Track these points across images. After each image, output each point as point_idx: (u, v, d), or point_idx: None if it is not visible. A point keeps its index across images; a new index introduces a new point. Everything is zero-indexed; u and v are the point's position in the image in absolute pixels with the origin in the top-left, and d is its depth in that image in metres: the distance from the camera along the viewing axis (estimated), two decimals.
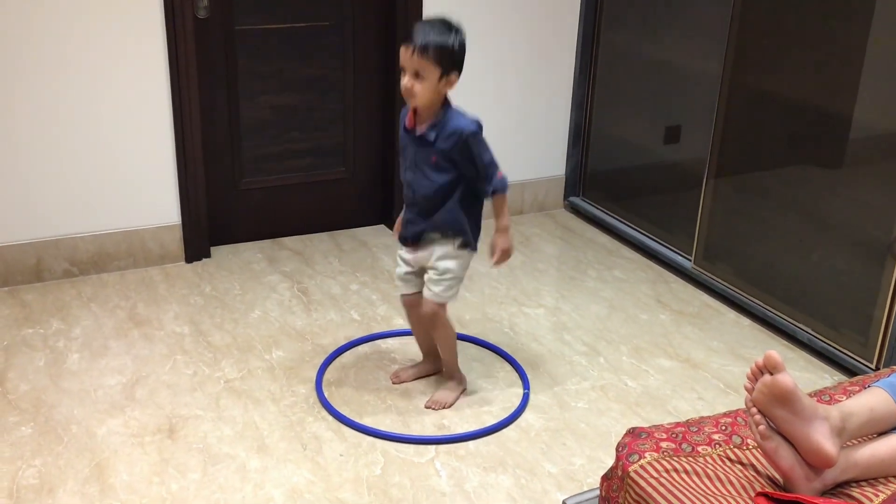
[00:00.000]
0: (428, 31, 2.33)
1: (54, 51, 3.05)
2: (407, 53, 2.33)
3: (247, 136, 3.56)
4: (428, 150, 2.41)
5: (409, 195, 2.51)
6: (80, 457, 2.37)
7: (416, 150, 2.45)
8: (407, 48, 2.33)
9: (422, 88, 2.34)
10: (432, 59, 2.32)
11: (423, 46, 2.31)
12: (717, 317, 3.25)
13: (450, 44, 2.34)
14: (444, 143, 2.39)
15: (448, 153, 2.40)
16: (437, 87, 2.36)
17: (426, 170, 2.44)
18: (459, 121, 2.40)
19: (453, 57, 2.36)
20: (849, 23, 2.79)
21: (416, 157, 2.45)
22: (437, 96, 2.38)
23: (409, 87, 2.35)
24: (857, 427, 1.70)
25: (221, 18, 3.36)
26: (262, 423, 2.54)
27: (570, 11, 3.88)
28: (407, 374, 2.77)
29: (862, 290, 2.80)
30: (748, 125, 3.20)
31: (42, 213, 3.22)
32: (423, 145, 2.42)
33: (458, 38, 2.37)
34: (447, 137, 2.38)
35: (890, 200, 2.69)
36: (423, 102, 2.38)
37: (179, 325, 3.03)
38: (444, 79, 2.35)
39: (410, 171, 2.48)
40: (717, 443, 1.78)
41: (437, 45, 2.32)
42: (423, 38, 2.31)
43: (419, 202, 2.48)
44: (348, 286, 3.35)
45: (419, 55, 2.31)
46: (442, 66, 2.33)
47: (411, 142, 2.46)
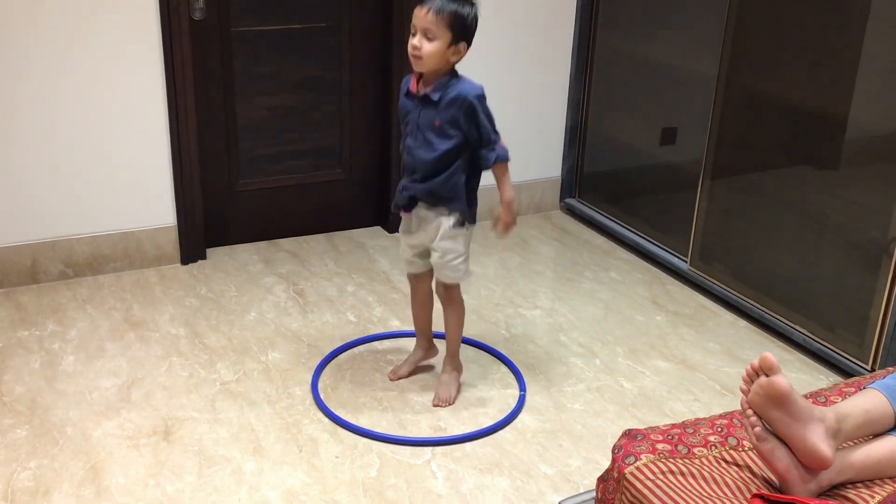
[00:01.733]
0: None
1: (50, 53, 3.04)
2: (421, 12, 2.33)
3: (243, 137, 3.56)
4: (431, 112, 2.40)
5: (409, 161, 2.48)
6: (76, 459, 2.37)
7: (420, 113, 2.43)
8: (422, 7, 2.33)
9: (430, 50, 2.33)
10: (446, 21, 2.31)
11: (440, 8, 2.31)
12: (713, 318, 3.25)
13: (465, 13, 2.35)
14: (449, 106, 2.38)
15: (453, 118, 2.39)
16: (446, 54, 2.35)
17: (429, 134, 2.42)
18: (465, 85, 2.40)
19: (466, 26, 2.35)
20: (844, 24, 2.79)
21: (420, 120, 2.43)
22: (443, 63, 2.37)
23: (417, 45, 2.34)
24: (853, 429, 1.70)
25: (217, 20, 3.35)
26: (258, 425, 2.53)
27: (565, 13, 3.88)
28: (403, 369, 2.78)
29: (858, 292, 2.81)
30: (744, 127, 3.20)
31: (38, 214, 3.21)
32: (427, 107, 2.41)
33: (473, 10, 2.37)
34: (452, 101, 2.38)
35: (886, 201, 2.69)
36: (429, 66, 2.36)
37: (175, 327, 3.03)
38: (453, 46, 2.35)
39: (412, 137, 2.46)
40: (712, 444, 1.78)
41: (454, 11, 2.32)
42: (440, 1, 2.32)
43: (419, 168, 2.45)
44: (344, 288, 3.35)
45: (434, 15, 2.31)
46: (453, 32, 2.33)
47: (414, 106, 2.44)
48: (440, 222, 2.49)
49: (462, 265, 2.55)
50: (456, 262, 2.53)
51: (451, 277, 2.56)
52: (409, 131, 2.47)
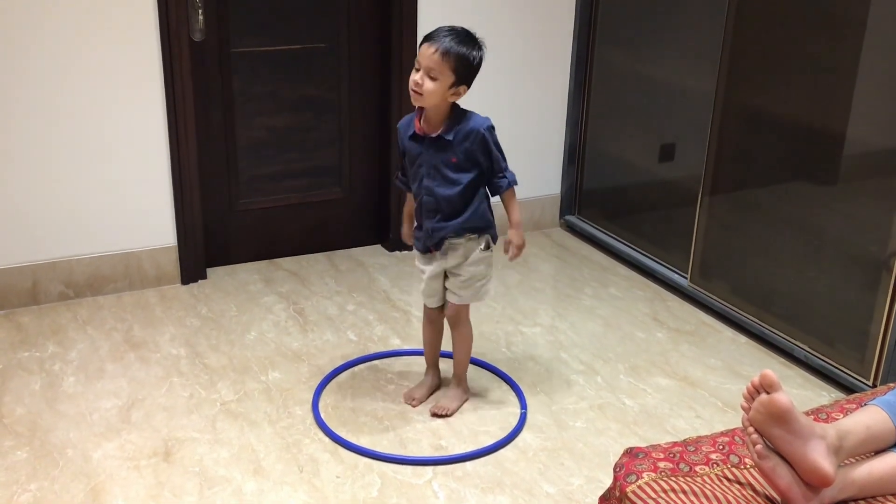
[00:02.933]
0: (454, 37, 2.37)
1: (50, 73, 3.06)
2: (428, 51, 2.35)
3: (243, 157, 3.57)
4: (447, 151, 2.43)
5: (431, 202, 2.49)
6: (76, 481, 2.36)
7: (434, 154, 2.45)
8: (430, 45, 2.35)
9: (432, 88, 2.35)
10: (452, 65, 2.35)
11: (447, 50, 2.34)
12: (714, 335, 3.25)
13: (471, 56, 2.38)
14: (463, 141, 2.42)
15: (468, 152, 2.43)
16: (446, 94, 2.38)
17: (447, 172, 2.45)
18: (475, 119, 2.44)
19: (469, 70, 2.40)
20: (841, 40, 2.81)
21: (434, 161, 2.45)
22: (442, 102, 2.40)
23: (419, 83, 2.36)
24: (854, 445, 1.70)
25: (217, 41, 3.37)
26: (259, 446, 2.53)
27: (564, 30, 3.90)
28: (420, 393, 2.76)
29: (858, 307, 2.81)
30: (742, 142, 3.21)
31: (38, 235, 3.22)
32: (442, 148, 2.44)
33: (479, 53, 2.41)
34: (466, 135, 2.42)
35: (885, 216, 2.69)
36: (428, 103, 2.39)
37: (175, 347, 3.03)
38: (453, 87, 2.39)
39: (429, 178, 2.47)
40: (714, 462, 1.78)
41: (460, 54, 2.36)
42: (449, 42, 2.35)
43: (443, 207, 2.48)
44: (345, 307, 3.35)
45: (440, 56, 2.34)
46: (457, 75, 2.37)
47: (426, 148, 2.46)
48: (470, 248, 2.53)
49: (487, 286, 2.62)
50: (480, 284, 2.59)
51: (471, 298, 2.60)
52: (423, 173, 2.48)
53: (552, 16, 3.86)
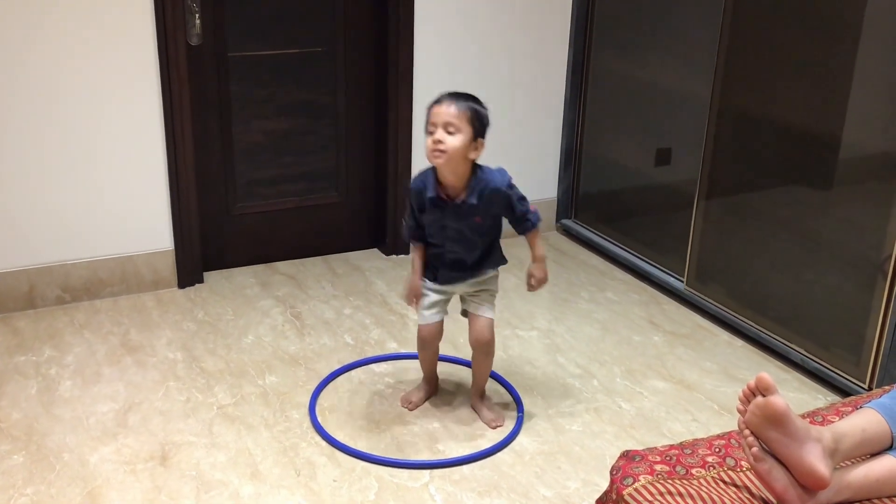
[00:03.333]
0: (459, 96, 2.40)
1: (46, 77, 3.06)
2: (441, 108, 2.36)
3: (240, 161, 3.57)
4: (472, 214, 2.44)
5: (456, 259, 2.52)
6: (73, 485, 2.36)
7: (457, 218, 2.45)
8: (441, 105, 2.37)
9: (455, 144, 2.34)
10: (467, 116, 2.36)
11: (461, 104, 2.36)
12: (710, 338, 3.25)
13: (482, 111, 2.41)
14: (488, 204, 2.43)
15: (491, 211, 2.46)
16: (468, 149, 2.37)
17: (471, 234, 2.48)
18: (494, 178, 2.43)
19: (483, 124, 2.40)
20: (836, 44, 2.82)
21: (459, 224, 2.46)
22: (463, 161, 2.39)
23: (440, 139, 2.34)
24: (850, 448, 1.70)
25: (214, 45, 3.38)
26: (256, 449, 2.53)
27: (560, 35, 3.91)
28: (418, 396, 2.76)
29: (854, 311, 2.81)
30: (738, 147, 3.22)
31: (34, 239, 3.22)
32: (467, 212, 2.44)
33: (486, 111, 2.43)
34: (490, 199, 2.43)
35: (880, 220, 2.70)
36: (451, 162, 2.36)
37: (172, 351, 3.02)
38: (473, 142, 2.38)
39: (455, 243, 2.49)
40: (710, 465, 1.78)
41: (471, 107, 2.38)
42: (458, 99, 2.37)
43: (468, 262, 2.53)
44: (341, 310, 3.35)
45: (455, 109, 2.35)
46: (473, 128, 2.37)
47: (450, 213, 2.45)
48: (486, 275, 2.58)
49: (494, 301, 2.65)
50: (494, 300, 2.62)
51: (492, 314, 2.61)
52: (449, 236, 2.49)
53: (548, 20, 3.87)
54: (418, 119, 3.72)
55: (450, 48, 3.70)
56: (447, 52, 3.70)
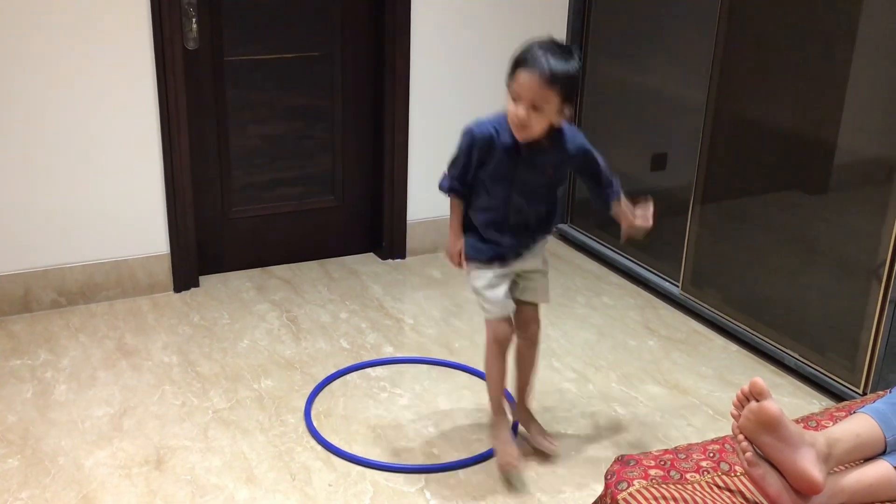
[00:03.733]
0: (550, 55, 2.07)
1: (43, 81, 3.06)
2: (530, 81, 2.07)
3: (236, 165, 3.58)
4: (545, 166, 2.24)
5: (519, 219, 2.28)
6: (68, 489, 2.35)
7: (530, 169, 2.23)
8: (528, 73, 2.07)
9: (538, 121, 2.12)
10: (558, 88, 2.08)
11: (552, 76, 2.06)
12: (706, 343, 3.26)
13: (573, 71, 2.10)
14: (563, 153, 2.24)
15: (566, 164, 2.27)
16: (553, 119, 2.15)
17: (540, 187, 2.27)
18: (577, 135, 2.26)
19: (575, 86, 2.14)
20: (831, 50, 2.83)
21: (528, 176, 2.23)
22: (547, 127, 2.17)
23: (524, 118, 2.10)
24: (844, 453, 1.71)
25: (211, 49, 3.38)
26: (251, 454, 2.53)
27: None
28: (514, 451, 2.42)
29: (848, 316, 2.82)
30: (734, 152, 3.23)
31: (30, 243, 3.21)
32: (540, 162, 2.23)
33: (577, 62, 2.12)
34: (566, 149, 2.23)
35: (874, 225, 2.71)
36: (535, 135, 2.16)
37: (168, 355, 3.02)
38: (559, 110, 2.14)
39: (521, 196, 2.25)
40: (705, 470, 1.78)
41: (564, 74, 2.08)
42: (549, 65, 2.06)
43: (532, 222, 2.30)
44: (337, 315, 3.35)
45: (545, 85, 2.06)
46: (563, 97, 2.11)
47: (524, 164, 2.21)
48: (543, 245, 2.38)
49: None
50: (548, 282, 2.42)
51: (547, 297, 2.43)
52: (514, 190, 2.24)
53: (544, 26, 3.87)
54: (415, 123, 3.73)
55: (446, 53, 3.71)
56: (444, 56, 3.70)
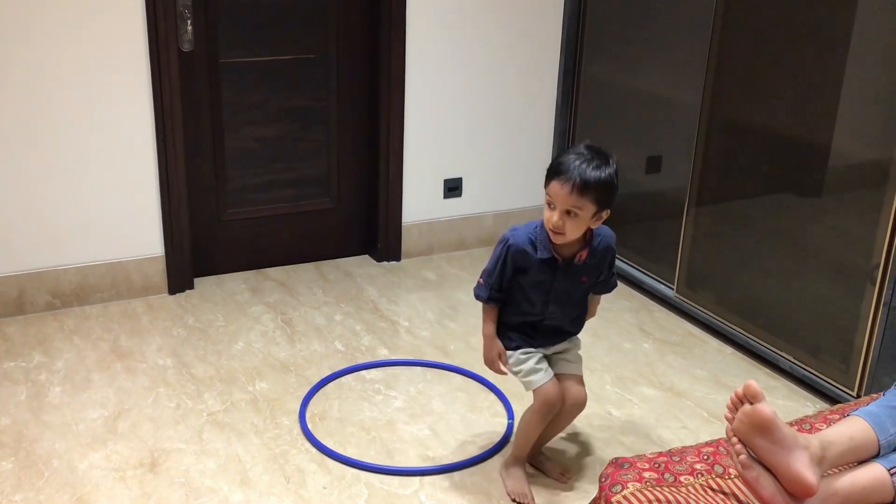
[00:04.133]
0: (583, 163, 2.10)
1: (37, 83, 3.06)
2: (562, 190, 2.09)
3: (231, 167, 3.57)
4: (580, 273, 2.27)
5: (554, 324, 2.31)
6: (62, 492, 2.35)
7: (567, 278, 2.26)
8: (563, 184, 2.09)
9: (573, 228, 2.14)
10: (591, 197, 2.10)
11: (584, 184, 2.08)
12: (700, 345, 3.26)
13: (609, 178, 2.12)
14: (600, 261, 2.29)
15: (598, 268, 2.30)
16: (588, 224, 2.17)
17: (577, 295, 2.31)
18: (606, 233, 2.29)
19: (611, 193, 2.14)
20: (826, 53, 2.83)
21: (566, 286, 2.27)
22: (582, 232, 2.20)
23: (559, 225, 2.12)
24: (837, 456, 1.71)
25: (206, 51, 3.38)
26: (246, 456, 2.52)
27: (551, 44, 3.93)
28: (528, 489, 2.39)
29: (843, 318, 2.83)
30: (728, 155, 3.23)
31: (24, 245, 3.21)
32: (575, 271, 2.26)
33: (614, 169, 2.14)
34: (602, 255, 2.28)
35: (868, 228, 2.72)
36: (570, 240, 2.19)
37: (162, 358, 3.02)
38: (596, 215, 2.16)
39: (559, 306, 2.28)
40: (699, 472, 1.79)
41: (598, 182, 2.10)
42: (581, 173, 2.08)
43: (565, 325, 2.33)
44: (332, 317, 3.35)
45: (578, 194, 2.08)
46: (598, 204, 2.13)
47: (562, 273, 2.24)
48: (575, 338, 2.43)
49: None
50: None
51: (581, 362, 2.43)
52: (550, 298, 2.27)
53: (540, 29, 3.89)
54: (411, 125, 3.73)
55: (441, 56, 3.71)
56: (439, 58, 3.71)
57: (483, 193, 3.98)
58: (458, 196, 3.94)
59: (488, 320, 2.35)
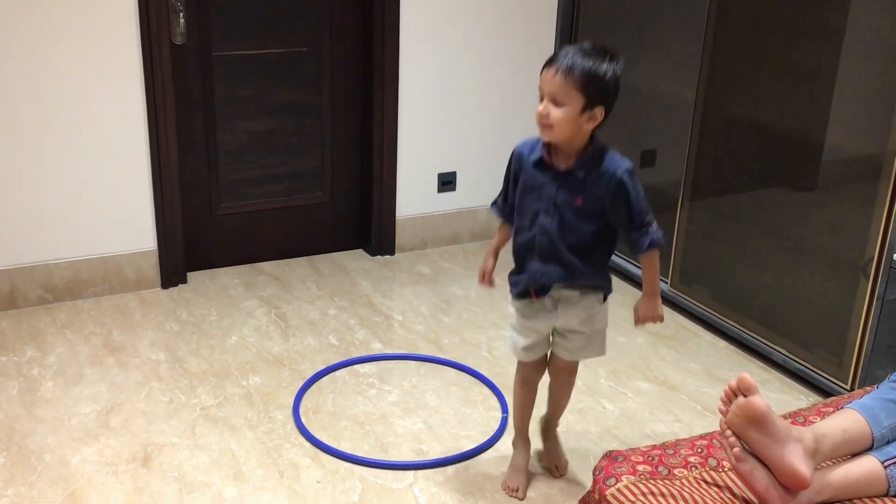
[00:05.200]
0: (577, 53, 2.00)
1: (29, 76, 3.04)
2: (548, 75, 2.01)
3: (224, 161, 3.56)
4: (573, 190, 2.09)
5: (544, 243, 2.13)
6: (54, 486, 2.34)
7: (557, 190, 2.10)
8: (549, 68, 2.01)
9: (560, 117, 2.00)
10: (577, 83, 1.98)
11: (569, 67, 1.98)
12: (694, 339, 3.26)
13: (601, 71, 1.99)
14: (596, 183, 2.08)
15: (599, 197, 2.08)
16: (578, 121, 2.02)
17: (568, 215, 2.10)
18: (613, 159, 2.09)
19: (602, 87, 2.01)
20: (819, 47, 2.83)
21: (557, 198, 2.10)
22: (576, 132, 2.05)
23: (544, 113, 2.02)
24: (831, 448, 1.72)
25: (199, 44, 3.37)
26: (239, 451, 2.52)
27: (545, 36, 3.92)
28: (520, 480, 2.39)
29: (836, 312, 2.83)
30: (722, 149, 3.23)
31: (16, 239, 3.19)
32: (568, 184, 2.09)
33: (612, 67, 2.01)
34: (599, 177, 2.07)
35: (862, 222, 2.72)
36: (559, 136, 2.04)
37: (155, 352, 3.01)
38: (587, 112, 2.02)
39: (546, 216, 2.11)
40: (693, 465, 1.79)
41: (586, 70, 1.98)
42: (570, 59, 1.99)
43: (556, 252, 2.13)
44: (326, 311, 3.34)
45: (562, 76, 1.98)
46: (586, 95, 2.00)
47: (549, 180, 2.11)
48: (589, 303, 2.21)
49: (605, 339, 2.31)
50: (601, 339, 2.28)
51: (592, 355, 2.30)
52: (540, 208, 2.12)
53: (533, 24, 3.88)
54: (404, 119, 3.72)
55: (435, 49, 3.70)
56: (432, 52, 3.70)
57: (477, 187, 3.98)
58: (453, 190, 3.93)
59: (496, 236, 2.31)
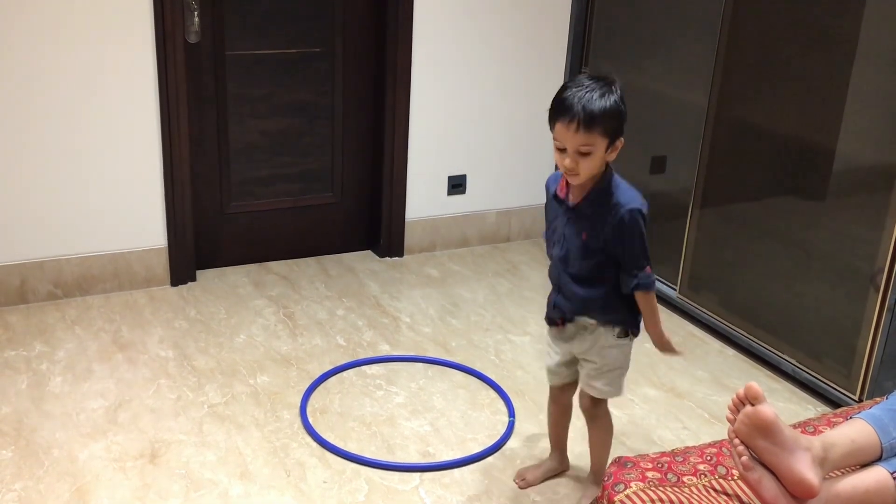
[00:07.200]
0: (585, 95, 1.95)
1: (44, 73, 3.05)
2: (567, 131, 1.95)
3: (235, 160, 3.57)
4: (580, 223, 2.08)
5: (554, 273, 2.17)
6: (61, 481, 2.35)
7: (566, 222, 2.10)
8: (564, 123, 1.95)
9: (587, 167, 1.98)
10: (600, 130, 1.95)
11: (589, 118, 1.93)
12: (702, 346, 3.26)
13: (616, 107, 1.97)
14: (602, 219, 2.05)
15: (601, 232, 2.06)
16: (604, 159, 2.01)
17: (574, 248, 2.10)
18: (623, 195, 2.05)
19: (620, 120, 1.99)
20: (832, 56, 2.83)
21: (566, 230, 2.10)
22: (600, 168, 2.04)
23: (572, 168, 1.98)
24: (839, 458, 1.71)
25: (212, 43, 3.38)
26: (246, 449, 2.52)
27: (558, 43, 3.92)
28: (534, 475, 2.43)
29: (845, 322, 2.82)
30: (733, 156, 3.23)
31: (27, 234, 3.20)
32: (575, 219, 2.09)
33: (617, 93, 1.99)
34: (606, 213, 2.04)
35: (873, 232, 2.71)
36: (587, 178, 2.02)
37: (164, 349, 3.02)
38: (610, 147, 2.00)
39: (559, 247, 2.13)
40: (702, 473, 1.79)
41: (605, 113, 1.94)
42: (584, 107, 1.93)
43: (564, 283, 2.14)
44: (334, 311, 3.35)
45: (585, 130, 1.94)
46: (609, 136, 1.98)
47: (562, 213, 2.12)
48: (600, 332, 2.18)
49: (619, 379, 2.23)
50: (613, 375, 2.21)
51: (603, 392, 2.24)
52: (556, 239, 2.14)
53: (546, 29, 3.88)
54: (415, 121, 3.72)
55: (447, 52, 3.70)
56: (445, 55, 3.70)
57: (487, 191, 3.98)
58: (462, 193, 3.94)
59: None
